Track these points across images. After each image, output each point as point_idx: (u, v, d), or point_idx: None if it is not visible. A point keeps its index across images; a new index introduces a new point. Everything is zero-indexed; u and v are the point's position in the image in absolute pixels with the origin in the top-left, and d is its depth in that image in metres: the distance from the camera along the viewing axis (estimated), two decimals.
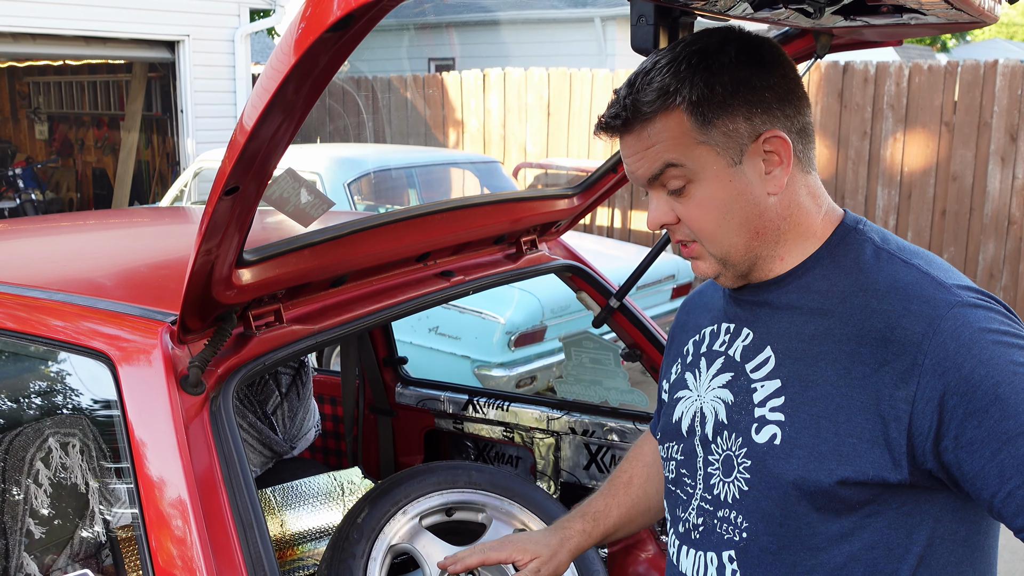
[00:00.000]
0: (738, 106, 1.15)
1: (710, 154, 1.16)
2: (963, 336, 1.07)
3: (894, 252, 1.19)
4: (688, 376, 1.34)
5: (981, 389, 1.05)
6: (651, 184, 1.20)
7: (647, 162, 1.18)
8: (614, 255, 5.97)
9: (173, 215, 3.22)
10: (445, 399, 2.71)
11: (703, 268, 1.24)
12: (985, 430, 1.05)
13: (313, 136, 10.33)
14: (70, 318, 1.57)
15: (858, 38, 1.68)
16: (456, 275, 2.01)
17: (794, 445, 1.14)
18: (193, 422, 1.35)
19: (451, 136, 9.74)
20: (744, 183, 1.17)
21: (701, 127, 1.15)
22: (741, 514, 1.20)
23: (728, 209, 1.17)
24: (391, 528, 1.89)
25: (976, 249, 7.28)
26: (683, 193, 1.18)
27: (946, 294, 1.11)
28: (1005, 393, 1.04)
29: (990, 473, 1.05)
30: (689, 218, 1.20)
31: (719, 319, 1.33)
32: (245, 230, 1.25)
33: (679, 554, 1.31)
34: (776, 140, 1.16)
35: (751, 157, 1.17)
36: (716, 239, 1.20)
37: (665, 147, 1.16)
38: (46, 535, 1.71)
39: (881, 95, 7.50)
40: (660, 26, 1.40)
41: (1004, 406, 1.04)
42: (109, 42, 9.23)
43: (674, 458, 1.34)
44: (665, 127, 1.16)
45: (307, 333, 1.60)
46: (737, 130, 1.16)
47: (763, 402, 1.19)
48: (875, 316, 1.12)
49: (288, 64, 0.92)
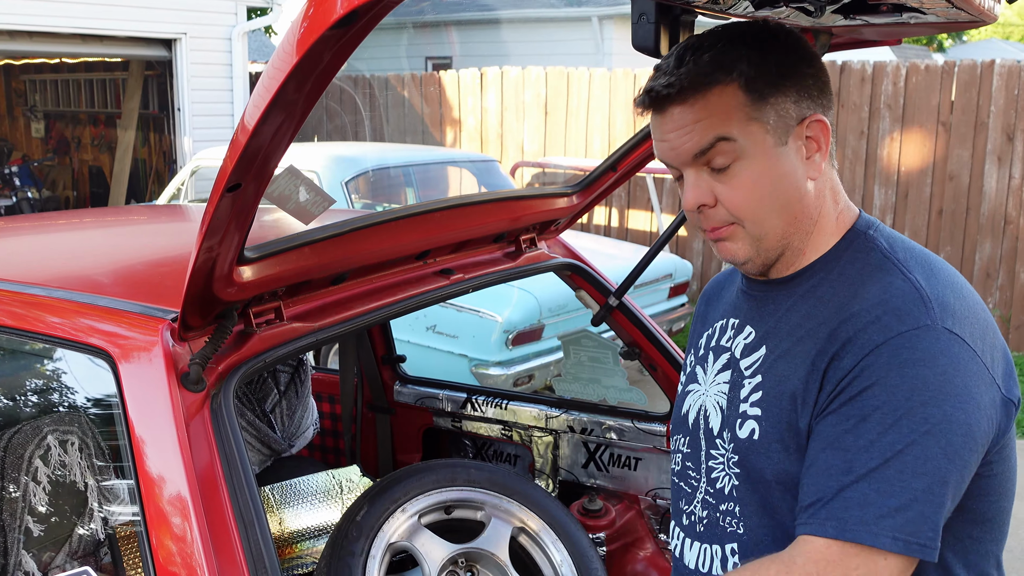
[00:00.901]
0: (788, 87, 1.16)
1: (761, 131, 1.16)
2: (901, 356, 1.07)
3: (897, 262, 1.18)
4: (698, 369, 1.36)
5: (862, 404, 1.07)
6: (695, 161, 1.17)
7: (697, 135, 1.16)
8: (612, 254, 5.97)
9: (171, 213, 3.22)
10: (443, 397, 2.71)
11: (735, 251, 1.21)
12: (832, 432, 1.09)
13: (311, 135, 10.32)
14: (70, 315, 1.57)
15: (857, 37, 1.68)
16: (455, 273, 2.01)
17: (771, 440, 1.16)
18: (194, 419, 1.35)
19: (449, 135, 9.73)
20: (789, 164, 1.18)
21: (755, 103, 1.15)
22: (739, 507, 1.22)
23: (773, 189, 1.17)
24: (390, 526, 1.89)
25: (972, 249, 7.29)
26: (727, 171, 1.16)
27: (922, 313, 1.10)
28: (872, 419, 1.06)
29: (807, 462, 1.11)
30: (731, 198, 1.17)
31: (728, 314, 1.34)
32: (246, 228, 1.25)
33: (683, 547, 1.31)
34: (818, 124, 1.18)
35: (795, 140, 1.18)
36: (758, 219, 1.18)
37: (718, 120, 1.15)
38: (45, 533, 1.71)
39: (878, 95, 7.50)
40: (661, 24, 1.40)
41: (860, 427, 1.06)
42: (106, 40, 9.20)
43: (681, 451, 1.35)
44: (720, 100, 1.15)
45: (307, 331, 1.60)
46: (786, 110, 1.17)
47: (746, 398, 1.21)
48: (851, 320, 1.13)
49: (290, 63, 0.92)
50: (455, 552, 1.93)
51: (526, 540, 2.05)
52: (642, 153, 2.15)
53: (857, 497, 1.04)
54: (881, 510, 1.03)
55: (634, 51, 1.41)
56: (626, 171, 2.20)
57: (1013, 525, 4.30)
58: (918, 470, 1.04)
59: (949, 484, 1.05)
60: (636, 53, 1.40)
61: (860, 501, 1.04)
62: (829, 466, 1.07)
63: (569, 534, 2.06)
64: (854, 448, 1.06)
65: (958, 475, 1.07)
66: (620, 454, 2.46)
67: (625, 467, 2.46)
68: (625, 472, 2.47)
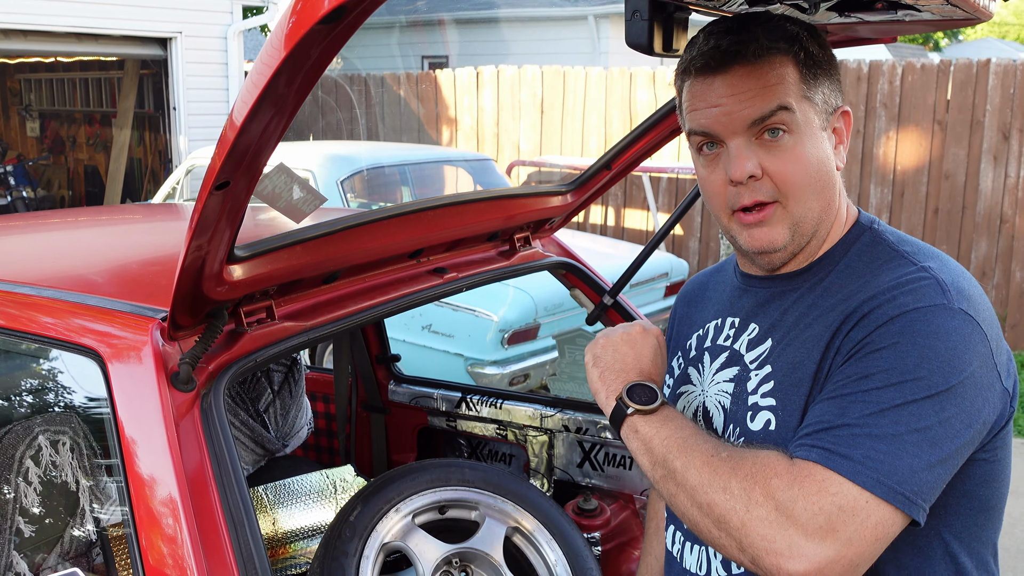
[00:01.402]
0: (830, 76, 1.19)
1: (811, 110, 1.17)
2: (915, 327, 1.06)
3: (908, 254, 1.18)
4: (691, 371, 1.34)
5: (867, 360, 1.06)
6: (750, 128, 1.15)
7: (761, 100, 1.14)
8: (608, 253, 5.97)
9: (164, 212, 3.20)
10: (438, 397, 2.70)
11: (772, 236, 1.18)
12: (834, 386, 1.07)
13: (306, 133, 10.30)
14: (60, 315, 1.56)
15: (852, 35, 1.67)
16: (449, 272, 2.00)
17: (789, 429, 1.14)
18: (184, 419, 1.34)
19: (444, 134, 9.72)
20: (828, 149, 1.19)
21: (808, 82, 1.16)
22: None
23: (818, 168, 1.17)
24: (384, 526, 1.88)
25: (968, 247, 7.30)
26: (778, 143, 1.15)
27: (938, 295, 1.09)
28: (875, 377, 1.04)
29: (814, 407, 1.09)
30: (781, 171, 1.15)
31: (723, 313, 1.32)
32: (236, 225, 1.24)
33: (683, 551, 1.30)
34: (846, 117, 1.21)
35: (829, 127, 1.20)
36: (802, 197, 1.16)
37: (782, 89, 1.15)
38: (36, 533, 1.70)
39: (874, 94, 7.51)
40: (655, 21, 1.39)
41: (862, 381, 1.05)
42: (101, 39, 9.18)
43: None
44: (783, 70, 1.15)
45: (299, 330, 1.59)
46: (827, 97, 1.19)
47: (755, 389, 1.20)
48: (868, 301, 1.12)
49: (279, 57, 0.91)
50: (449, 552, 1.92)
51: (520, 540, 2.05)
52: (637, 151, 2.14)
53: (846, 436, 1.02)
54: (869, 452, 1.00)
55: (630, 50, 1.40)
56: (621, 169, 2.19)
57: (1008, 524, 4.30)
58: (914, 426, 1.01)
59: (942, 452, 1.02)
60: (632, 52, 1.39)
61: (849, 440, 1.01)
62: (824, 411, 1.06)
63: (564, 534, 2.05)
64: (850, 398, 1.04)
65: (951, 447, 1.03)
66: (615, 453, 2.46)
67: (620, 466, 2.46)
68: (620, 471, 2.46)
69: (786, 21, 1.18)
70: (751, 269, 1.29)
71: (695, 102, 1.19)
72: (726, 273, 1.37)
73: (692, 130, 1.20)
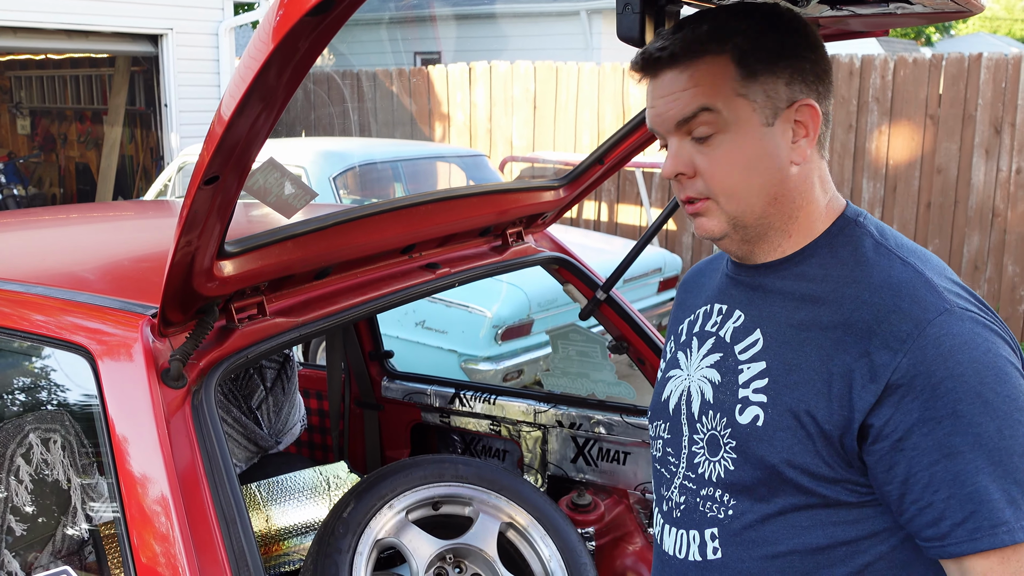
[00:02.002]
0: (782, 68, 1.16)
1: (747, 108, 1.16)
2: (944, 345, 1.07)
3: (892, 248, 1.19)
4: (680, 355, 1.35)
5: (943, 400, 1.06)
6: (678, 128, 1.18)
7: (682, 103, 1.16)
8: (601, 248, 5.97)
9: (155, 208, 3.19)
10: (432, 393, 2.70)
11: (710, 226, 1.21)
12: (932, 440, 1.06)
13: (298, 129, 10.27)
14: (49, 312, 1.55)
15: (844, 28, 1.67)
16: (442, 267, 1.99)
17: (776, 427, 1.15)
18: (174, 416, 1.33)
19: (437, 130, 9.70)
20: (772, 145, 1.17)
21: (744, 79, 1.15)
22: (727, 493, 1.21)
23: (753, 167, 1.17)
24: (377, 522, 1.88)
25: (961, 241, 7.31)
26: (708, 143, 1.17)
27: (937, 299, 1.10)
28: (963, 411, 1.05)
29: (919, 481, 1.07)
30: (710, 170, 1.17)
31: (712, 299, 1.33)
32: (226, 221, 1.24)
33: (663, 533, 1.31)
34: (808, 109, 1.18)
35: (783, 122, 1.17)
36: (734, 196, 1.18)
37: (705, 90, 1.15)
38: (27, 532, 1.69)
39: (866, 88, 7.51)
40: (646, 14, 1.39)
41: (957, 423, 1.05)
42: (91, 36, 9.13)
43: (661, 437, 1.35)
44: (710, 70, 1.15)
45: (290, 326, 1.58)
46: (777, 91, 1.17)
47: (747, 383, 1.20)
48: (864, 308, 1.12)
49: (266, 51, 0.90)
50: (443, 548, 1.92)
51: (514, 535, 2.05)
52: (629, 146, 2.14)
53: (1000, 497, 1.04)
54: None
55: (623, 45, 1.40)
56: (613, 164, 2.19)
57: None
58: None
59: None
60: (625, 47, 1.39)
61: (1007, 500, 1.04)
62: (955, 474, 1.06)
63: (558, 529, 2.05)
64: (968, 448, 1.05)
65: None
66: (609, 448, 2.46)
67: (614, 461, 2.46)
68: (614, 466, 2.46)
69: (731, 18, 1.17)
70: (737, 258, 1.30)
71: (646, 101, 1.24)
72: (721, 260, 1.39)
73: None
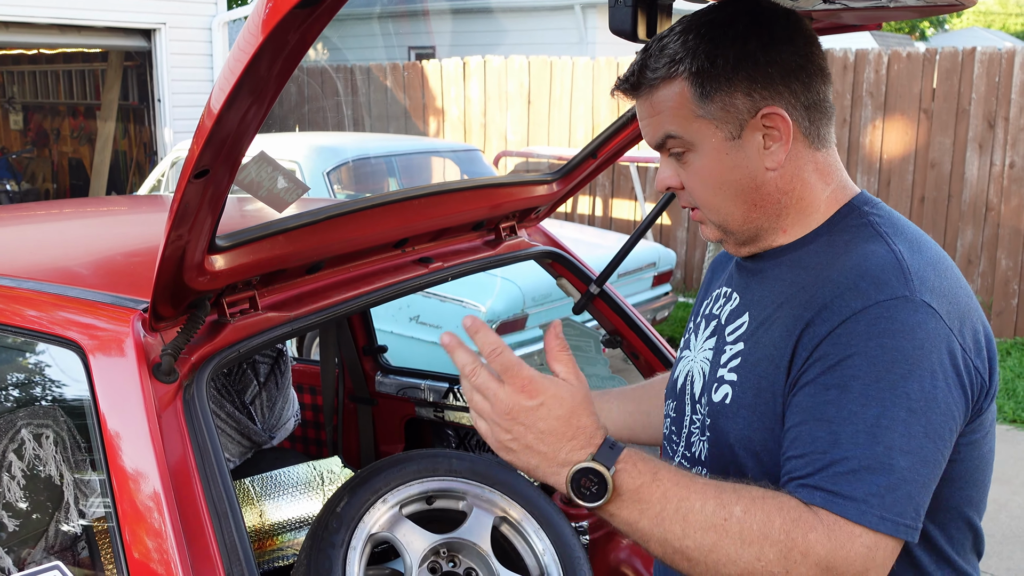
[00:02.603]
0: (739, 81, 1.15)
1: (708, 127, 1.17)
2: (877, 326, 1.06)
3: (884, 233, 1.18)
4: (691, 337, 1.39)
5: (841, 372, 1.06)
6: (658, 149, 1.24)
7: (651, 129, 1.22)
8: (596, 243, 5.97)
9: (148, 203, 3.18)
10: (426, 387, 2.69)
11: (706, 232, 1.28)
12: (812, 402, 1.07)
13: (291, 123, 10.25)
14: (40, 306, 1.54)
15: (837, 22, 1.67)
16: (435, 261, 1.99)
17: (740, 405, 1.18)
18: (166, 411, 1.33)
19: (431, 124, 9.69)
20: (741, 157, 1.18)
21: (700, 100, 1.17)
22: (708, 471, 1.24)
23: (723, 181, 1.20)
24: (371, 517, 1.87)
25: (954, 235, 7.33)
26: (683, 160, 1.22)
27: (900, 283, 1.09)
28: (853, 388, 1.05)
29: (788, 435, 1.09)
30: (690, 186, 1.23)
31: (724, 283, 1.37)
32: (217, 215, 1.23)
33: None
34: (775, 117, 1.17)
35: (751, 131, 1.17)
36: (713, 208, 1.23)
37: (666, 117, 1.19)
38: (19, 528, 1.69)
39: (860, 82, 7.52)
40: (638, 8, 1.39)
41: (841, 395, 1.05)
42: (84, 30, 9.10)
43: (669, 415, 1.39)
44: (668, 96, 1.18)
45: (282, 320, 1.58)
46: (735, 105, 1.16)
47: (725, 363, 1.23)
48: (828, 285, 1.13)
49: (255, 43, 0.90)
50: (437, 542, 1.92)
51: (508, 530, 2.04)
52: (622, 140, 2.13)
53: (845, 473, 1.03)
54: (871, 488, 1.02)
55: (618, 39, 1.40)
56: (607, 158, 2.19)
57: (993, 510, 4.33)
58: (904, 448, 1.03)
59: (930, 464, 1.05)
60: (619, 42, 1.40)
61: (849, 477, 1.03)
62: (815, 438, 1.06)
63: (552, 523, 2.05)
64: (838, 420, 1.05)
65: (939, 455, 1.06)
66: None
67: None
68: None
69: (688, 35, 1.17)
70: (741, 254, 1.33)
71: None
72: None
73: None
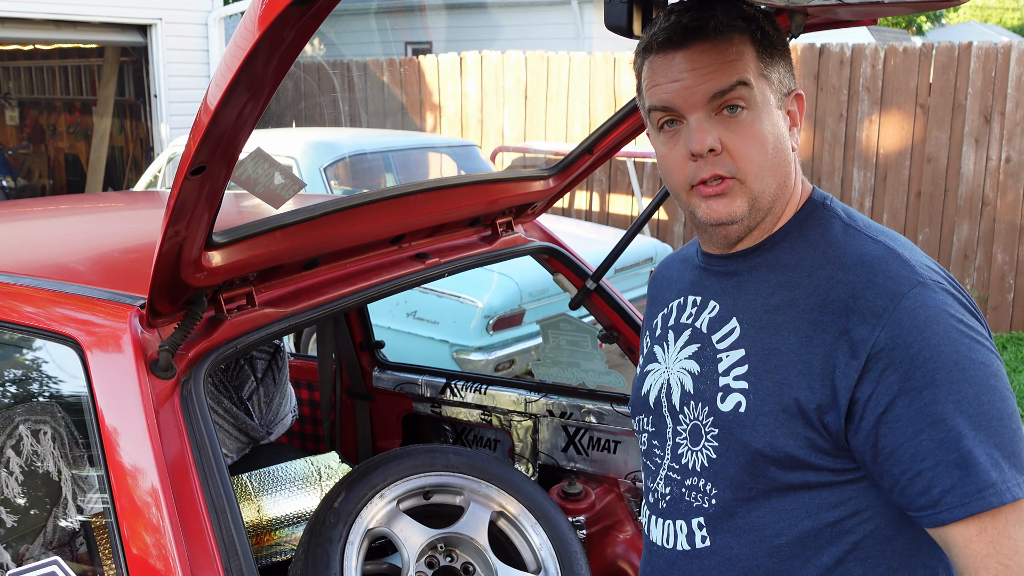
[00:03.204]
0: (784, 58, 1.22)
1: (768, 88, 1.19)
2: (919, 316, 1.09)
3: (861, 229, 1.22)
4: (657, 349, 1.36)
5: (921, 371, 1.07)
6: (709, 103, 1.16)
7: (721, 75, 1.15)
8: (592, 238, 5.97)
9: (145, 199, 3.18)
10: (423, 383, 2.70)
11: (731, 207, 1.19)
12: (914, 410, 1.07)
13: (288, 119, 10.23)
14: (38, 303, 1.55)
15: (832, 17, 1.67)
16: (431, 257, 1.99)
17: (759, 412, 1.16)
18: (163, 407, 1.34)
19: (428, 120, 9.68)
20: (783, 128, 1.21)
21: (765, 61, 1.19)
22: (710, 481, 1.22)
23: (775, 146, 1.19)
24: (368, 512, 1.88)
25: (951, 230, 7.34)
26: (737, 118, 1.17)
27: (910, 272, 1.12)
28: (941, 380, 1.07)
29: (905, 451, 1.08)
30: (739, 146, 1.16)
31: (685, 292, 1.34)
32: (214, 211, 1.23)
33: (650, 524, 1.33)
34: (799, 100, 1.24)
35: (784, 108, 1.22)
36: (755, 174, 1.18)
37: (739, 66, 1.17)
38: (18, 524, 1.69)
39: (857, 77, 7.52)
40: (634, 4, 1.39)
41: (937, 391, 1.06)
42: (80, 26, 9.07)
43: (646, 430, 1.36)
44: (742, 48, 1.18)
45: (279, 316, 1.58)
46: (782, 79, 1.21)
47: (727, 371, 1.21)
48: (840, 287, 1.14)
49: (252, 39, 0.90)
50: (434, 537, 1.93)
51: (505, 524, 2.05)
52: (619, 135, 2.14)
53: (985, 460, 1.05)
54: (1016, 462, 1.06)
55: (614, 35, 1.40)
56: (603, 153, 2.19)
57: None
58: (1006, 412, 1.08)
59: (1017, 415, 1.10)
60: (616, 37, 1.40)
61: (991, 463, 1.05)
62: (939, 442, 1.06)
63: (549, 518, 2.05)
64: (949, 415, 1.06)
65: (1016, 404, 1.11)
66: (599, 437, 2.46)
67: (604, 450, 2.47)
68: (604, 455, 2.47)
69: (743, 3, 1.21)
70: (710, 248, 1.30)
71: (656, 78, 1.20)
72: (689, 253, 1.40)
73: (653, 106, 1.21)
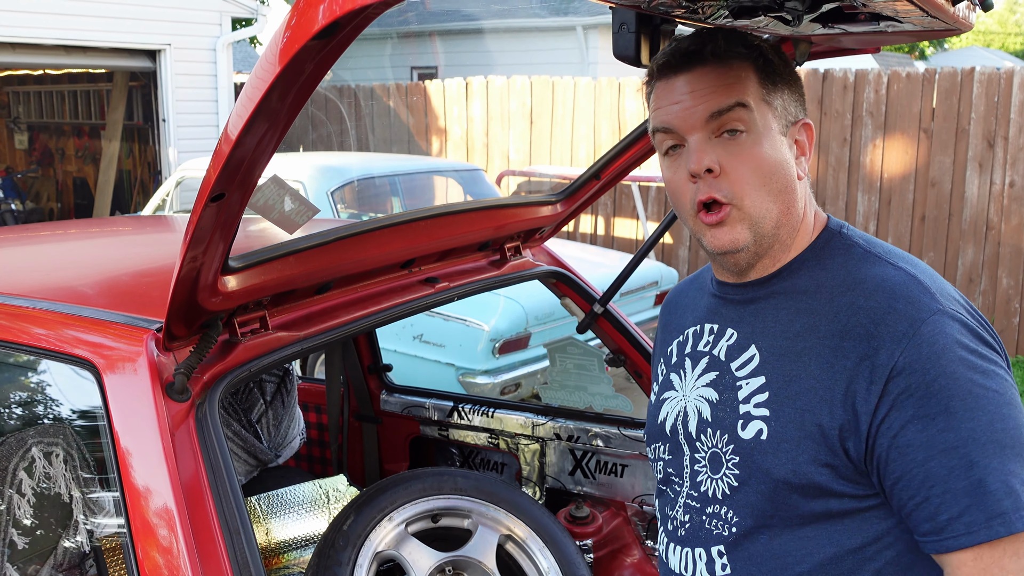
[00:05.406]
0: (790, 86, 1.23)
1: (770, 113, 1.21)
2: (937, 344, 1.09)
3: (881, 255, 1.22)
4: (673, 377, 1.36)
5: (936, 398, 1.08)
6: (708, 123, 1.18)
7: (720, 96, 1.17)
8: (598, 262, 5.99)
9: (155, 224, 3.21)
10: (430, 406, 2.71)
11: (732, 236, 1.19)
12: (926, 436, 1.08)
13: (296, 145, 10.31)
14: (54, 326, 1.57)
15: (836, 45, 1.70)
16: (440, 281, 2.01)
17: (781, 439, 1.16)
18: (179, 429, 1.35)
19: (434, 144, 9.74)
20: (787, 155, 1.22)
21: (767, 87, 1.21)
22: (732, 509, 1.22)
23: (774, 171, 1.20)
24: (377, 535, 1.89)
25: (955, 254, 7.35)
26: (736, 140, 1.18)
27: (931, 299, 1.13)
28: (955, 408, 1.07)
29: (915, 477, 1.09)
30: (737, 169, 1.17)
31: (702, 320, 1.34)
32: (230, 237, 1.26)
33: (668, 552, 1.32)
34: (808, 129, 1.25)
35: (789, 137, 1.23)
36: (754, 200, 1.18)
37: (739, 88, 1.18)
38: (30, 545, 1.70)
39: (860, 102, 7.56)
40: (641, 33, 1.41)
41: (950, 419, 1.07)
42: (89, 51, 9.17)
43: (662, 458, 1.36)
44: (742, 72, 1.20)
45: (292, 340, 1.60)
46: (787, 106, 1.23)
47: (747, 399, 1.21)
48: (861, 312, 1.15)
49: (273, 73, 0.93)
50: (442, 560, 1.93)
51: (513, 548, 2.06)
52: (626, 161, 2.16)
53: (998, 488, 1.06)
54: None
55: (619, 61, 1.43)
56: (610, 179, 2.22)
57: None
58: (1019, 440, 1.08)
59: None
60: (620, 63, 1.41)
61: (1004, 491, 1.06)
62: (950, 469, 1.07)
63: (556, 541, 2.06)
64: (961, 444, 1.07)
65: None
66: (607, 461, 2.47)
67: (612, 474, 2.47)
68: (612, 479, 2.47)
69: (749, 35, 1.24)
70: (724, 276, 1.31)
71: (658, 101, 1.23)
72: (703, 280, 1.40)
73: (655, 128, 1.24)
